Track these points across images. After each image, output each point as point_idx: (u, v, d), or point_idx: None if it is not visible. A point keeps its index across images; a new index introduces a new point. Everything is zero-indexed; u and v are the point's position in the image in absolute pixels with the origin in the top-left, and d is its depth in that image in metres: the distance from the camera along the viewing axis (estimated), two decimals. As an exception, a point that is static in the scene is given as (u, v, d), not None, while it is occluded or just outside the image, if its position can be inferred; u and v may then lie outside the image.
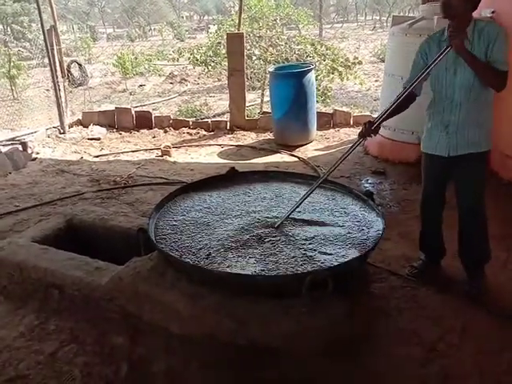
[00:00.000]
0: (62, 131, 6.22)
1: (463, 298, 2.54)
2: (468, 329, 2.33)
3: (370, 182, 4.35)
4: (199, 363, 1.99)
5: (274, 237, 2.22)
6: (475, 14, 2.31)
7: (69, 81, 6.87)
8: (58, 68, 6.11)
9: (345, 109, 6.75)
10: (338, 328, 1.96)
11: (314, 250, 2.10)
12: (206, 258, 2.07)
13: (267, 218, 2.39)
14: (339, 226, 2.32)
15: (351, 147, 2.47)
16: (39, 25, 5.98)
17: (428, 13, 4.47)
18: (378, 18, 23.71)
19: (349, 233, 2.25)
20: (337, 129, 6.16)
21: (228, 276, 1.93)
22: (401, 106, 2.45)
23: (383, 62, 6.13)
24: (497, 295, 2.58)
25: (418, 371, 2.07)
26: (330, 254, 2.06)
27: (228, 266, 1.99)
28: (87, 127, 6.42)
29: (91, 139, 6.04)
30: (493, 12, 4.38)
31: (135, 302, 2.18)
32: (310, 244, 2.15)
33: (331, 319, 1.95)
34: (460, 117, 2.36)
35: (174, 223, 2.40)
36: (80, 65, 7.38)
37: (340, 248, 2.12)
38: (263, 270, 1.96)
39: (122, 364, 2.10)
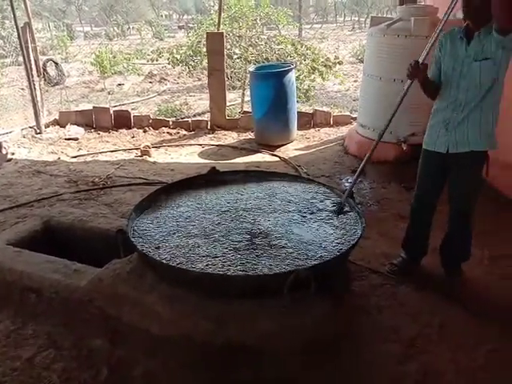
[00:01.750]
0: (38, 131, 6.07)
1: (441, 295, 2.59)
2: (445, 325, 2.37)
3: (349, 181, 4.38)
4: (177, 364, 1.98)
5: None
6: None
7: (45, 80, 6.72)
8: (34, 66, 5.95)
9: (325, 109, 6.80)
10: (319, 327, 1.97)
11: (296, 247, 2.11)
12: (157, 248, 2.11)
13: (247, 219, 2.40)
14: (321, 223, 2.34)
15: (403, 96, 2.52)
16: (13, 22, 5.82)
17: (405, 14, 4.54)
18: (356, 18, 23.94)
19: (331, 231, 2.27)
20: (317, 128, 6.20)
21: (205, 276, 1.92)
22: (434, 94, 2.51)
23: (362, 62, 6.20)
24: (473, 291, 2.64)
25: (398, 368, 2.11)
26: (312, 253, 2.07)
27: (206, 265, 1.98)
28: (64, 127, 6.28)
29: (68, 139, 5.91)
30: None
31: (114, 304, 2.15)
32: (290, 241, 2.16)
33: (313, 318, 1.96)
34: (462, 115, 2.38)
35: (153, 224, 2.37)
36: (56, 63, 7.21)
37: (321, 246, 2.13)
38: (243, 270, 1.95)
39: (101, 368, 2.07)
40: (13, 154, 5.27)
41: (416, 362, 2.13)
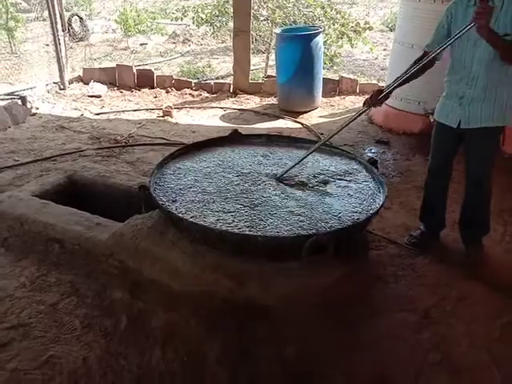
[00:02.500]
0: (61, 87, 6.10)
1: (460, 268, 2.57)
2: (462, 298, 2.37)
3: (373, 151, 4.31)
4: (197, 320, 2.02)
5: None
6: None
7: (69, 35, 6.67)
8: (59, 21, 5.91)
9: (351, 76, 6.61)
10: (335, 291, 1.98)
11: (315, 211, 2.10)
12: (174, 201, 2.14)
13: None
14: (341, 191, 2.31)
15: (355, 115, 2.47)
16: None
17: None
18: (389, -17, 22.90)
19: (351, 198, 2.25)
20: (342, 96, 6.05)
21: (228, 234, 1.93)
22: (418, 71, 2.40)
23: (392, 31, 5.97)
24: (493, 267, 2.61)
25: (412, 336, 2.12)
26: (332, 217, 2.06)
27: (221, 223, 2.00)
28: (88, 84, 6.29)
29: (92, 96, 5.93)
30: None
31: (136, 258, 2.20)
32: (310, 206, 2.15)
33: (329, 283, 1.97)
34: (476, 90, 2.30)
35: (178, 182, 2.38)
36: (81, 19, 7.14)
37: (342, 213, 2.11)
38: (250, 226, 1.97)
39: (121, 317, 2.13)
40: (37, 108, 5.32)
41: (430, 332, 2.14)
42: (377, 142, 4.45)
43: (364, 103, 2.51)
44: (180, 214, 2.05)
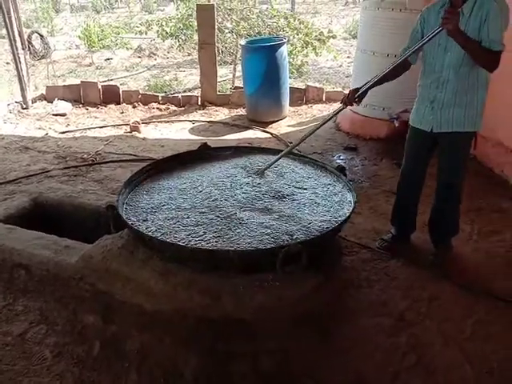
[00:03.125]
0: (24, 106, 5.94)
1: (431, 270, 2.63)
2: (435, 298, 2.42)
3: (341, 157, 4.38)
4: (172, 339, 1.99)
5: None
6: None
7: (30, 53, 6.51)
8: (18, 39, 5.77)
9: (317, 85, 6.72)
10: (310, 300, 1.99)
11: (286, 223, 2.11)
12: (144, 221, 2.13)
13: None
14: (311, 199, 2.33)
15: (331, 114, 2.55)
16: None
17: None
18: (350, -8, 23.49)
19: (320, 206, 2.27)
20: (309, 105, 6.14)
21: (198, 251, 1.92)
22: (394, 73, 2.46)
23: (355, 38, 6.11)
24: (462, 266, 2.68)
25: (387, 340, 2.15)
26: (303, 228, 2.07)
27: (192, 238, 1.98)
28: (52, 102, 6.14)
29: (56, 115, 5.79)
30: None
31: (106, 280, 2.14)
32: (280, 217, 2.16)
33: (304, 293, 1.97)
34: (446, 94, 2.35)
35: (146, 199, 2.35)
36: (42, 36, 6.98)
37: (312, 222, 2.13)
38: (234, 244, 1.95)
39: (93, 342, 2.07)
40: (-1, 129, 5.16)
41: (405, 335, 2.17)
42: (345, 149, 4.53)
43: (341, 101, 2.52)
44: (149, 233, 2.02)
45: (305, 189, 2.44)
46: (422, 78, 2.48)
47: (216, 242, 1.97)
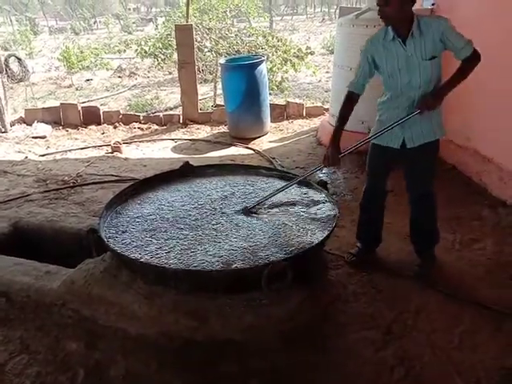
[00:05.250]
0: (3, 130, 5.86)
1: (416, 280, 2.64)
2: (421, 309, 2.42)
3: (323, 171, 4.41)
4: (158, 363, 1.95)
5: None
6: (416, 6, 2.33)
7: (8, 76, 6.46)
8: (-5, 63, 5.73)
9: (297, 100, 6.81)
10: (297, 318, 1.98)
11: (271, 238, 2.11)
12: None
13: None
14: (296, 213, 2.34)
15: (312, 171, 2.62)
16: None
17: (374, 3, 4.56)
18: (326, 10, 24.05)
19: (306, 221, 2.27)
20: (290, 120, 6.21)
21: (182, 272, 1.90)
22: (349, 110, 2.51)
23: (332, 53, 6.23)
24: (447, 275, 2.70)
25: (375, 354, 2.14)
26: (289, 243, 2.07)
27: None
28: (31, 125, 6.08)
29: (36, 137, 5.72)
30: (433, 4, 4.55)
31: (89, 306, 2.10)
32: (267, 231, 2.16)
33: (291, 309, 1.96)
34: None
35: (128, 221, 2.33)
36: (19, 59, 6.93)
37: (297, 237, 2.13)
38: (219, 261, 1.94)
39: (77, 370, 2.02)
40: (-23, 154, 5.07)
41: (393, 348, 2.17)
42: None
43: (323, 163, 2.51)
44: (131, 256, 1.99)
45: (289, 204, 2.45)
46: (386, 101, 2.50)
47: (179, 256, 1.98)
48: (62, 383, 1.97)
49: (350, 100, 2.50)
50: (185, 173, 2.85)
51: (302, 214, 2.36)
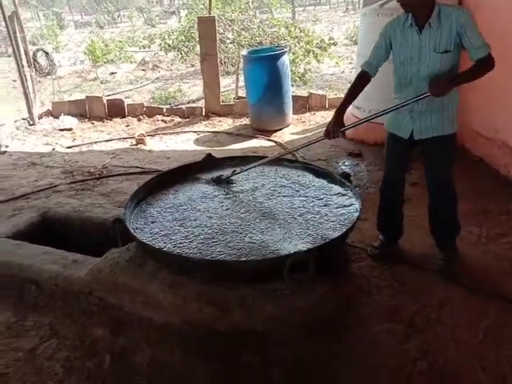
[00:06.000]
0: (31, 123, 6.02)
1: (439, 274, 2.61)
2: (444, 303, 2.39)
3: (346, 164, 4.38)
4: (182, 352, 1.99)
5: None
6: None
7: (36, 70, 6.61)
8: (24, 57, 5.87)
9: (320, 92, 6.74)
10: (320, 309, 1.98)
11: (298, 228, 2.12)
12: None
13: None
14: (319, 206, 2.34)
15: (314, 141, 2.64)
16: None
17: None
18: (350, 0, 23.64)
19: (328, 214, 2.27)
20: (313, 112, 6.16)
21: (206, 263, 1.92)
22: (357, 90, 2.49)
23: (356, 44, 6.14)
24: (472, 269, 2.65)
25: (399, 347, 2.13)
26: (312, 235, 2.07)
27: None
28: (58, 118, 6.23)
29: (62, 130, 5.87)
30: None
31: (115, 294, 2.15)
32: (290, 223, 2.17)
33: (313, 301, 1.97)
34: (424, 103, 2.36)
35: (152, 211, 2.37)
36: (47, 53, 7.08)
37: (320, 229, 2.13)
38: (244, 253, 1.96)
39: (104, 356, 2.08)
40: (7, 146, 5.23)
41: (416, 341, 2.15)
42: (349, 155, 4.53)
43: (325, 133, 2.50)
44: (156, 245, 2.03)
45: (313, 196, 2.45)
46: (397, 91, 2.49)
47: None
48: (89, 368, 2.04)
49: (362, 79, 2.49)
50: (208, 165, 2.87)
51: (325, 206, 2.35)
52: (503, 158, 3.81)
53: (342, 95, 6.91)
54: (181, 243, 2.07)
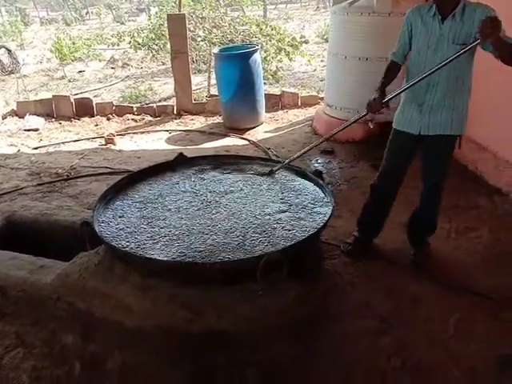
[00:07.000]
0: (-6, 123, 5.80)
1: (411, 269, 2.65)
2: (417, 298, 2.43)
3: (319, 161, 4.40)
4: (155, 355, 1.94)
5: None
6: None
7: (-2, 68, 6.38)
8: (-15, 54, 5.65)
9: (292, 90, 6.76)
10: (294, 308, 1.97)
11: (266, 229, 2.10)
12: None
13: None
14: (290, 204, 2.33)
15: (356, 118, 2.58)
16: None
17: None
18: (320, -2, 23.82)
19: (300, 211, 2.26)
20: (285, 110, 6.17)
21: (176, 265, 1.88)
22: (391, 77, 2.50)
23: (327, 42, 6.18)
24: (442, 264, 2.71)
25: (372, 343, 2.14)
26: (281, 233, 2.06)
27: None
28: (23, 118, 6.01)
29: (28, 130, 5.66)
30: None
31: (84, 298, 2.08)
32: (261, 223, 2.15)
33: (287, 300, 1.95)
34: (435, 97, 2.35)
35: (121, 213, 2.30)
36: (9, 50, 6.84)
37: (292, 227, 2.12)
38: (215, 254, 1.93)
39: (74, 363, 2.01)
40: (-32, 147, 5.02)
41: (390, 337, 2.17)
42: (322, 153, 4.55)
43: (367, 108, 2.45)
44: (126, 248, 1.97)
45: (282, 193, 2.43)
46: (408, 80, 2.44)
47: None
48: (58, 376, 1.97)
49: (392, 68, 2.50)
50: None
51: (297, 204, 2.34)
52: (471, 153, 3.91)
53: (315, 93, 6.95)
54: (144, 244, 2.02)
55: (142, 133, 5.59)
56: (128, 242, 2.04)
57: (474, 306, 2.35)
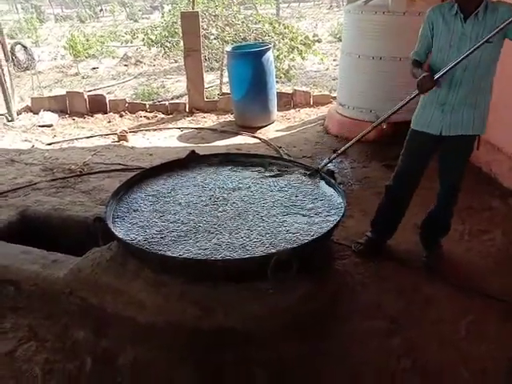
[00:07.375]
0: (9, 119, 5.86)
1: (423, 271, 2.63)
2: (429, 299, 2.41)
3: (336, 161, 4.37)
4: (166, 351, 1.95)
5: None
6: None
7: (14, 65, 6.45)
8: (1, 50, 5.71)
9: (304, 88, 6.74)
10: (303, 307, 1.97)
11: (278, 227, 2.10)
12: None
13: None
14: (302, 204, 2.32)
15: (408, 99, 2.45)
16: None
17: (383, -10, 4.48)
18: (334, -4, 23.67)
19: (312, 211, 2.25)
20: (297, 109, 6.15)
21: (189, 262, 1.89)
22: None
23: (340, 41, 6.15)
24: (455, 266, 2.68)
25: (382, 343, 2.13)
26: (294, 232, 2.06)
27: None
28: (37, 113, 6.08)
29: (42, 126, 5.73)
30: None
31: (97, 294, 2.10)
32: (273, 222, 2.15)
33: (297, 299, 1.95)
34: (458, 96, 2.32)
35: (134, 209, 2.32)
36: (25, 47, 6.92)
37: (303, 226, 2.11)
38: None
39: (85, 358, 2.03)
40: (-16, 142, 5.09)
41: (400, 337, 2.16)
42: (334, 152, 4.51)
43: (418, 87, 2.35)
44: (138, 245, 1.99)
45: (295, 195, 2.43)
46: None
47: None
48: (70, 371, 1.99)
49: (417, 63, 2.44)
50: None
51: (308, 203, 2.33)
52: (485, 155, 3.86)
53: (327, 92, 6.92)
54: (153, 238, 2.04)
55: (155, 130, 5.62)
56: (137, 235, 2.06)
57: (486, 309, 2.33)
